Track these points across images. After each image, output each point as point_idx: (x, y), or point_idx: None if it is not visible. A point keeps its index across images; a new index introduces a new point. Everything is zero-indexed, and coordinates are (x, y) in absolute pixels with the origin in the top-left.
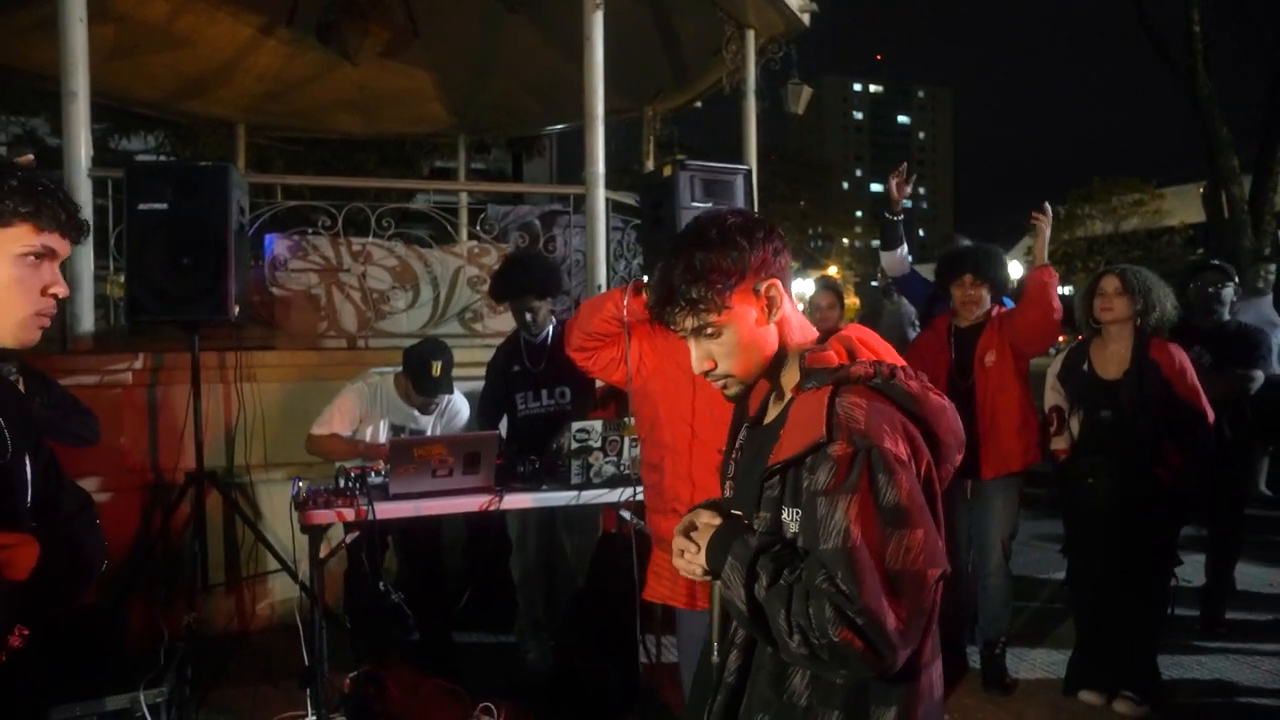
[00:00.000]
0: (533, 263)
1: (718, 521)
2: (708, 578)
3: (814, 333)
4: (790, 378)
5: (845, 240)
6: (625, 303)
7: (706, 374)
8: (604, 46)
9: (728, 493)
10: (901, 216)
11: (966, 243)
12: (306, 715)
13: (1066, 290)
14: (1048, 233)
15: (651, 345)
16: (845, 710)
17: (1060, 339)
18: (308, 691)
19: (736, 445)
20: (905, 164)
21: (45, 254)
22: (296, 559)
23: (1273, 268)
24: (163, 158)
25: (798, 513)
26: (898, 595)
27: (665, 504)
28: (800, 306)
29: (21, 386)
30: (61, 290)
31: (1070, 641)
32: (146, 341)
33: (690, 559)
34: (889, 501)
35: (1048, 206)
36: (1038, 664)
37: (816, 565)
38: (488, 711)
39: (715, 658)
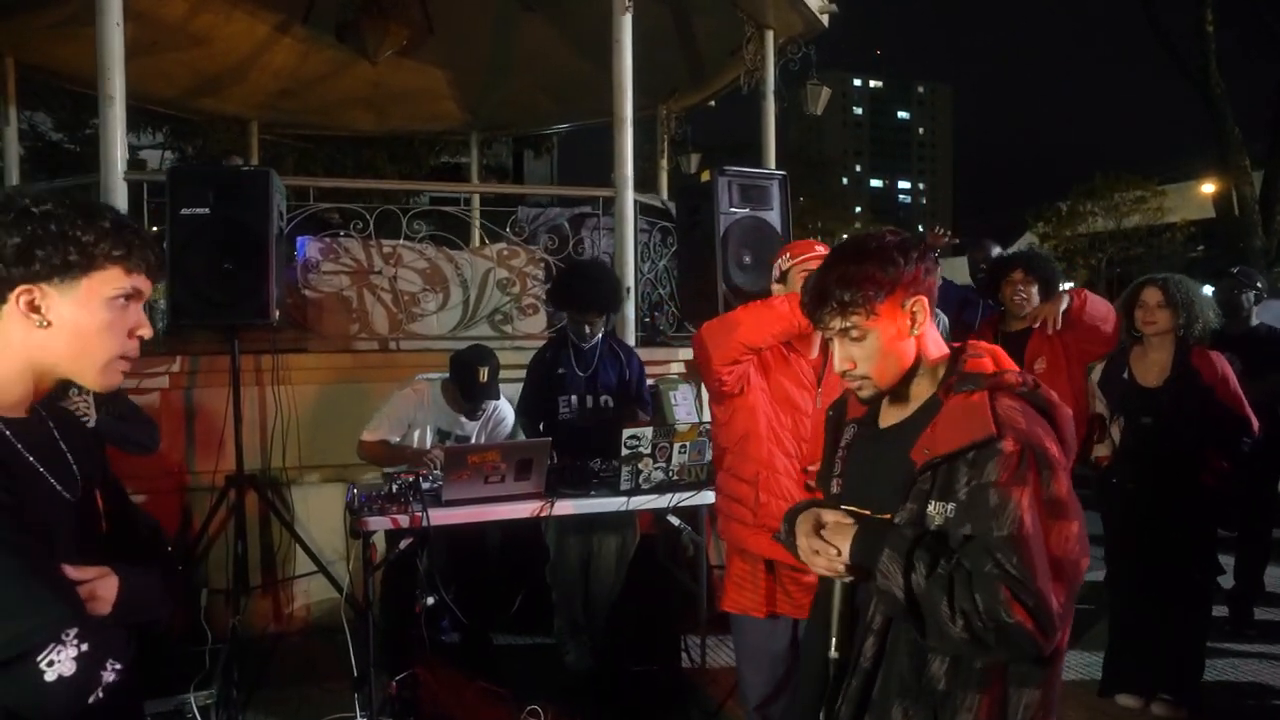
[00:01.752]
0: (600, 278)
1: (849, 520)
2: (848, 576)
3: (946, 349)
4: (921, 387)
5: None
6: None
7: (845, 374)
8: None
9: (834, 489)
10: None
11: (997, 248)
12: (355, 717)
13: (1067, 285)
14: (1040, 305)
15: (760, 360)
16: (985, 693)
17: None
18: (355, 694)
19: (841, 445)
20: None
21: (134, 295)
22: (329, 561)
23: None
24: (167, 153)
25: (945, 506)
26: (1059, 580)
27: (758, 520)
28: None
29: (92, 397)
30: (147, 331)
31: (1105, 644)
32: (180, 344)
33: (833, 559)
34: (1051, 495)
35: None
36: (1073, 665)
37: (983, 552)
38: (534, 714)
39: (834, 653)
